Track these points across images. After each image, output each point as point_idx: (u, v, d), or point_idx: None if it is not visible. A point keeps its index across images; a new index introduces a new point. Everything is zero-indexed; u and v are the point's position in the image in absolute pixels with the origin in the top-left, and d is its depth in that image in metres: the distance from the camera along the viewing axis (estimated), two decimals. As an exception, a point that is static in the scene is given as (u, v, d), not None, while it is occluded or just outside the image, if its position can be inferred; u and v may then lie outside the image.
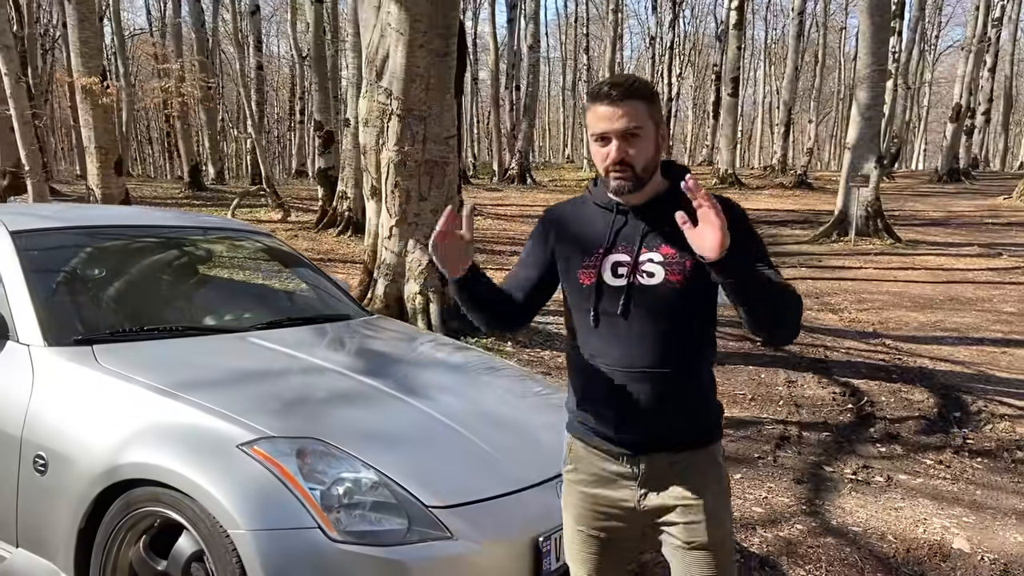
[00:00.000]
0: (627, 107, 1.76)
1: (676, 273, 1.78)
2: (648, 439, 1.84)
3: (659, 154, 1.83)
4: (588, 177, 26.90)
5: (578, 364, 1.92)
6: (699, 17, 47.77)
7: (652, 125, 1.79)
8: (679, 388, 1.82)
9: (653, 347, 1.80)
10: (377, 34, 6.97)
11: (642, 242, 1.81)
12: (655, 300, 1.79)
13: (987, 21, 24.78)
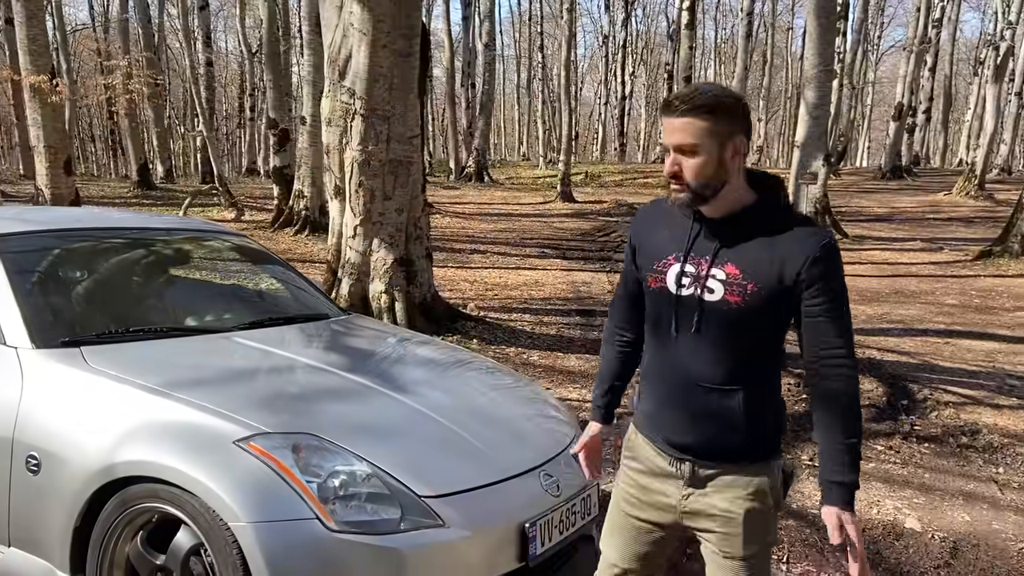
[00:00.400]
0: (685, 122, 1.76)
1: (735, 294, 1.81)
2: (692, 448, 1.91)
3: (724, 170, 1.80)
4: (544, 175, 27.08)
5: (646, 361, 2.03)
6: (651, 16, 48.43)
7: (713, 142, 1.77)
8: (726, 405, 1.85)
9: (704, 362, 1.86)
10: (339, 34, 7.00)
11: (714, 257, 1.83)
12: (709, 316, 1.83)
13: (927, 22, 25.56)
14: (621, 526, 2.07)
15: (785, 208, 1.86)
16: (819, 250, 1.77)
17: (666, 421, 1.95)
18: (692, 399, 1.88)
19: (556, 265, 12.27)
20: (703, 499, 1.93)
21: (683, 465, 1.94)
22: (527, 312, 8.86)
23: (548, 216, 17.94)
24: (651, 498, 2.00)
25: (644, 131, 48.48)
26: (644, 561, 2.05)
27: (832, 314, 1.79)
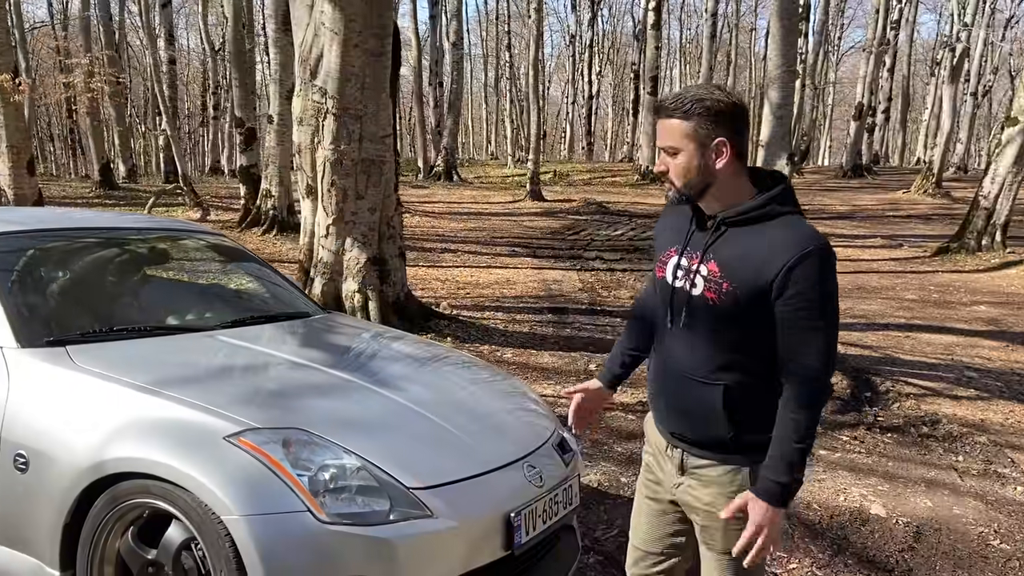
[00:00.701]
0: (668, 124, 1.86)
1: (711, 291, 1.87)
2: (677, 435, 2.00)
3: (708, 171, 1.85)
4: (513, 174, 27.15)
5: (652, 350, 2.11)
6: (617, 16, 48.75)
7: (692, 144, 1.83)
8: (708, 398, 1.90)
9: (689, 353, 1.93)
10: (311, 33, 7.00)
11: (704, 253, 1.89)
12: (694, 310, 1.91)
13: (886, 24, 26.07)
14: (641, 510, 2.18)
15: (780, 209, 1.86)
16: (797, 257, 1.77)
17: (660, 407, 2.05)
18: (680, 388, 1.96)
19: (527, 263, 12.35)
20: (690, 491, 2.00)
21: (675, 451, 2.03)
22: (499, 310, 8.93)
23: (518, 215, 18.02)
24: (655, 482, 2.11)
25: (611, 130, 48.78)
26: (666, 544, 2.13)
27: (805, 324, 1.79)
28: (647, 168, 24.08)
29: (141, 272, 3.61)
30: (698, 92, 1.87)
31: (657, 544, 2.14)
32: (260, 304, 3.71)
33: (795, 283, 1.78)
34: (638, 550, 2.18)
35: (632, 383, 6.28)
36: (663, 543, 2.13)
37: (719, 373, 1.90)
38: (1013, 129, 13.06)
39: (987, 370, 7.03)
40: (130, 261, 3.54)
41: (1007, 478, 4.45)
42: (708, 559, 2.02)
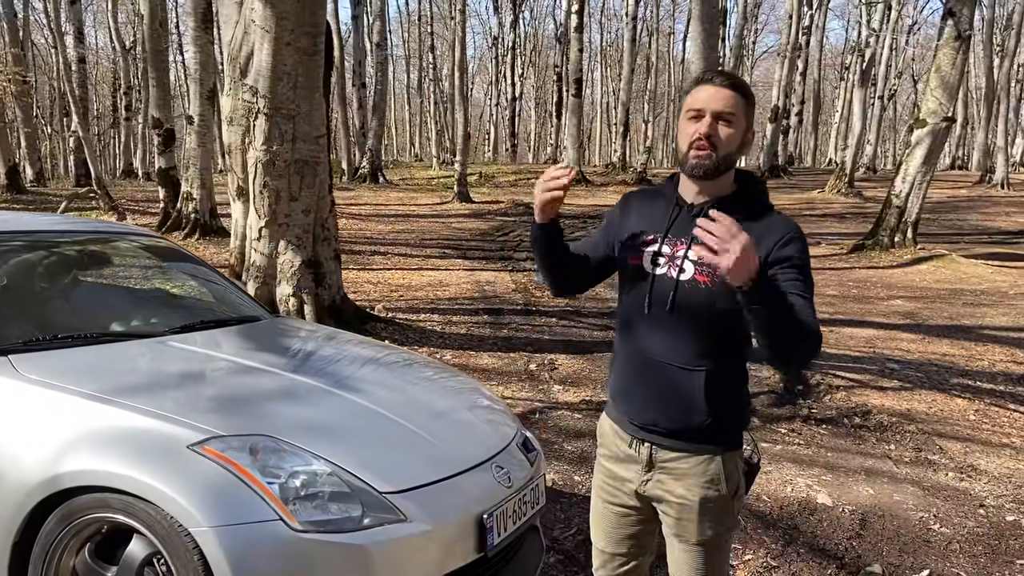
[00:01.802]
0: (730, 94, 1.88)
1: (704, 274, 1.87)
2: (651, 427, 1.97)
3: (741, 150, 1.91)
4: (438, 175, 27.03)
5: (616, 341, 2.08)
6: (538, 18, 49.08)
7: (744, 120, 1.89)
8: (689, 384, 1.90)
9: (671, 340, 1.92)
10: (240, 30, 6.82)
11: (691, 239, 1.87)
12: (680, 296, 1.89)
13: (799, 29, 27.00)
14: (601, 514, 2.14)
15: (764, 204, 1.95)
16: (788, 233, 1.86)
17: (631, 399, 2.01)
18: (657, 376, 1.94)
19: (458, 265, 12.31)
20: (660, 486, 1.99)
21: (642, 447, 2.00)
22: (435, 312, 8.87)
23: (446, 216, 17.95)
24: (618, 484, 2.07)
25: (534, 132, 49.09)
26: (632, 543, 2.12)
27: (799, 289, 1.81)
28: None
29: (79, 277, 3.44)
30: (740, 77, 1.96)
31: (622, 545, 2.13)
32: (207, 308, 3.58)
33: (788, 256, 1.84)
34: (604, 553, 2.18)
35: (574, 382, 6.32)
36: (627, 543, 2.13)
37: (700, 359, 1.91)
38: (921, 131, 13.66)
39: (907, 361, 7.34)
40: (66, 265, 3.37)
41: (938, 464, 4.65)
42: (679, 550, 2.01)
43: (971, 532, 3.72)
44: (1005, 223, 18.92)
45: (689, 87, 1.96)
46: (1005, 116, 25.25)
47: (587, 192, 22.97)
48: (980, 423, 5.67)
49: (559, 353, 7.27)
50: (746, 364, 2.00)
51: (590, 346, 7.59)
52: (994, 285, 11.54)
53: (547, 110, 44.43)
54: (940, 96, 13.56)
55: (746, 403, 2.05)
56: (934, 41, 44.72)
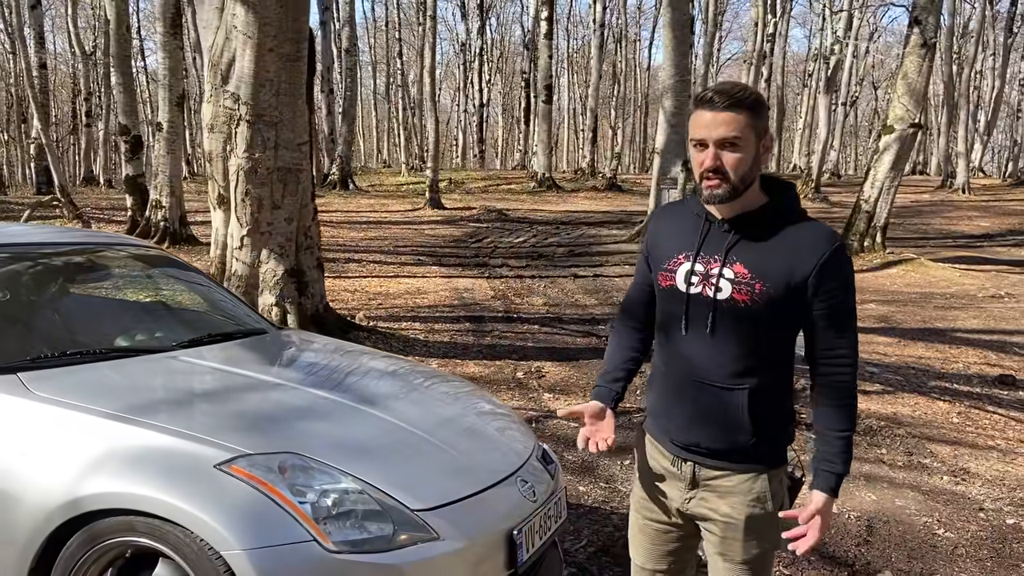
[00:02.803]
0: (728, 116, 1.78)
1: (743, 293, 1.83)
2: (696, 446, 1.93)
3: (758, 167, 1.84)
4: (407, 182, 26.91)
5: (653, 362, 2.04)
6: (505, 25, 49.17)
7: (753, 136, 1.80)
8: (731, 403, 1.87)
9: (711, 359, 1.88)
10: (222, 36, 6.71)
11: (725, 257, 1.85)
12: (718, 315, 1.86)
13: (763, 37, 27.36)
14: (640, 529, 2.11)
15: (796, 211, 1.89)
16: (829, 254, 1.80)
17: (672, 419, 1.97)
18: (698, 396, 1.91)
19: (435, 272, 12.24)
20: (704, 504, 1.96)
21: (685, 465, 1.96)
22: (416, 320, 8.80)
23: (419, 223, 17.86)
24: (658, 500, 2.04)
25: (502, 138, 49.10)
26: (671, 560, 2.09)
27: (839, 316, 1.84)
28: (543, 175, 24.36)
29: (78, 290, 3.33)
30: (740, 85, 1.86)
31: (662, 561, 2.10)
32: (212, 321, 3.49)
33: (831, 278, 1.81)
34: (643, 569, 2.14)
35: (564, 390, 6.30)
36: (667, 560, 2.10)
37: (743, 378, 1.87)
38: (889, 137, 13.90)
39: (886, 365, 7.43)
40: (64, 278, 3.26)
41: (932, 468, 4.70)
42: (723, 569, 1.98)
43: (975, 536, 3.76)
44: (968, 227, 19.33)
45: (692, 106, 1.90)
46: (965, 122, 25.83)
47: (558, 198, 23.03)
48: (964, 426, 5.75)
49: (545, 360, 7.24)
50: (790, 378, 1.96)
51: (575, 353, 7.58)
52: (963, 288, 11.76)
53: (514, 116, 44.47)
54: (907, 103, 13.80)
55: (790, 418, 2.01)
56: (893, 48, 45.47)
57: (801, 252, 1.82)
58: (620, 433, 5.09)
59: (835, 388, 1.88)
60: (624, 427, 5.24)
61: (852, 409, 1.89)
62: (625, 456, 4.64)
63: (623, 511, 3.86)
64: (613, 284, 11.47)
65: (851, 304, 1.87)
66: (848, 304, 1.86)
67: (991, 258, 14.79)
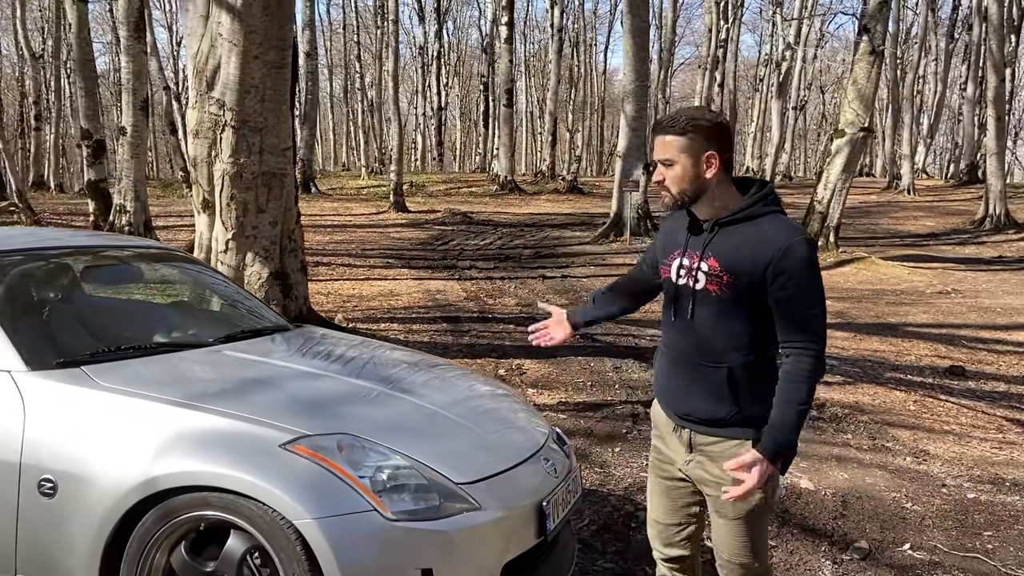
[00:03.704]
0: (665, 140, 2.14)
1: (714, 284, 2.14)
2: (687, 416, 2.26)
3: (700, 180, 2.13)
4: (368, 185, 26.97)
5: (661, 341, 2.36)
6: (461, 29, 49.34)
7: (686, 157, 2.12)
8: (715, 379, 2.17)
9: (693, 341, 2.21)
10: (207, 44, 6.83)
11: (703, 252, 2.17)
12: (698, 302, 2.18)
13: (716, 43, 28.04)
14: (655, 488, 2.44)
15: (768, 209, 2.15)
16: (785, 247, 2.05)
17: (670, 391, 2.32)
18: (688, 373, 2.24)
19: (405, 275, 12.41)
20: (700, 467, 2.27)
21: (683, 432, 2.29)
22: (394, 321, 8.99)
23: (384, 226, 17.99)
24: (668, 461, 2.37)
25: (460, 141, 49.28)
26: (684, 513, 2.39)
27: (798, 304, 2.07)
28: (505, 178, 24.65)
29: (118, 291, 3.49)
30: (691, 112, 2.19)
31: (676, 515, 2.41)
32: (240, 319, 3.66)
33: (786, 269, 2.06)
34: (659, 523, 2.45)
35: (546, 385, 6.56)
36: (680, 514, 2.40)
37: (722, 356, 2.17)
38: (840, 140, 14.45)
39: (844, 358, 7.83)
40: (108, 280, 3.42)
41: (894, 451, 5.06)
42: (720, 525, 2.29)
43: (939, 509, 4.11)
44: (914, 227, 20.10)
45: None
46: (909, 126, 26.77)
47: (521, 201, 23.33)
48: (920, 412, 6.15)
49: (524, 358, 7.48)
50: (772, 357, 2.21)
51: (552, 351, 7.82)
52: (912, 285, 12.32)
53: (472, 119, 44.69)
54: (857, 108, 14.37)
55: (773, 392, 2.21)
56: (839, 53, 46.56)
57: (764, 245, 2.09)
58: (607, 424, 5.38)
59: (791, 370, 2.11)
60: (609, 418, 5.52)
61: (803, 392, 2.08)
62: (616, 443, 4.92)
63: (619, 492, 4.14)
64: (581, 284, 11.77)
65: (807, 294, 2.07)
66: (807, 291, 2.07)
67: (937, 256, 15.46)
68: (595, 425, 5.27)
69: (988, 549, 3.68)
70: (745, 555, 2.27)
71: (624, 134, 16.62)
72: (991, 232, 18.31)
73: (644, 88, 16.77)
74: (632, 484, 4.25)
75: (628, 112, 16.46)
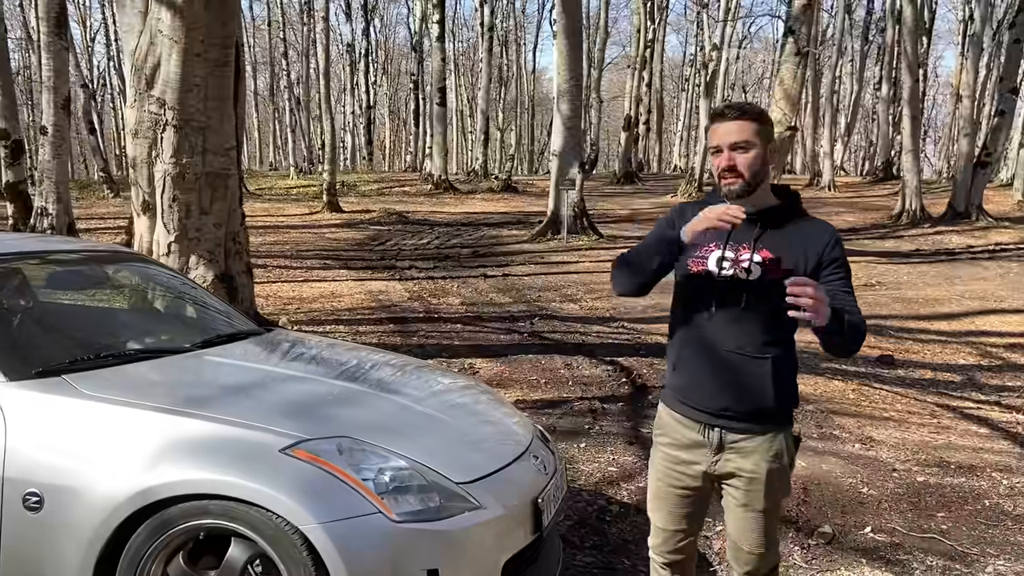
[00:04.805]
0: (740, 124, 2.18)
1: (772, 274, 2.17)
2: (723, 412, 2.25)
3: (766, 166, 2.22)
4: (297, 185, 26.50)
5: (677, 340, 2.34)
6: (389, 26, 48.89)
7: (759, 140, 2.19)
8: (758, 372, 2.20)
9: (741, 333, 2.21)
10: (146, 40, 6.62)
11: (754, 244, 2.20)
12: (748, 294, 2.19)
13: (644, 43, 28.51)
14: (663, 497, 2.43)
15: (802, 210, 2.30)
16: (833, 240, 2.23)
17: (704, 387, 2.28)
18: (729, 366, 2.24)
19: (344, 276, 12.27)
20: (729, 464, 2.29)
21: (712, 432, 2.29)
22: (339, 323, 8.88)
23: (318, 227, 17.73)
24: (684, 468, 2.36)
25: (389, 140, 48.81)
26: (689, 520, 2.43)
27: (845, 284, 2.22)
28: (440, 177, 24.57)
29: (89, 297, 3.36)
30: (755, 105, 2.29)
31: (683, 522, 2.43)
32: (211, 322, 3.57)
33: (835, 256, 2.22)
34: (664, 531, 2.46)
35: (500, 384, 6.58)
36: (686, 520, 2.43)
37: (768, 347, 2.22)
38: (769, 140, 14.89)
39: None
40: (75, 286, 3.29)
41: (842, 438, 5.26)
42: (746, 519, 2.32)
43: (894, 492, 4.29)
44: (836, 222, 20.44)
45: (708, 122, 2.32)
46: (828, 124, 27.74)
47: (456, 200, 23.28)
48: (860, 401, 6.40)
49: (475, 358, 7.49)
50: (795, 350, 2.32)
51: (502, 350, 7.87)
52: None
53: (402, 118, 44.35)
54: (784, 107, 14.81)
55: (796, 382, 2.37)
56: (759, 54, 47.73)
57: (812, 239, 2.23)
58: (568, 420, 5.44)
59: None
60: (569, 415, 5.59)
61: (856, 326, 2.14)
62: (580, 439, 4.98)
63: (590, 487, 4.20)
64: (523, 283, 11.83)
65: (849, 279, 2.26)
66: (847, 278, 2.25)
67: (859, 250, 16.05)
68: (557, 422, 5.32)
69: (943, 530, 3.87)
70: (766, 544, 2.34)
71: (560, 133, 16.75)
72: (908, 226, 19.10)
73: (579, 88, 16.94)
74: (602, 479, 4.31)
75: (563, 111, 16.59)
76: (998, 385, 7.09)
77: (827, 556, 3.59)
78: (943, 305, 10.63)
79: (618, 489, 4.19)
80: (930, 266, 14.23)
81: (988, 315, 10.22)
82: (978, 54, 21.30)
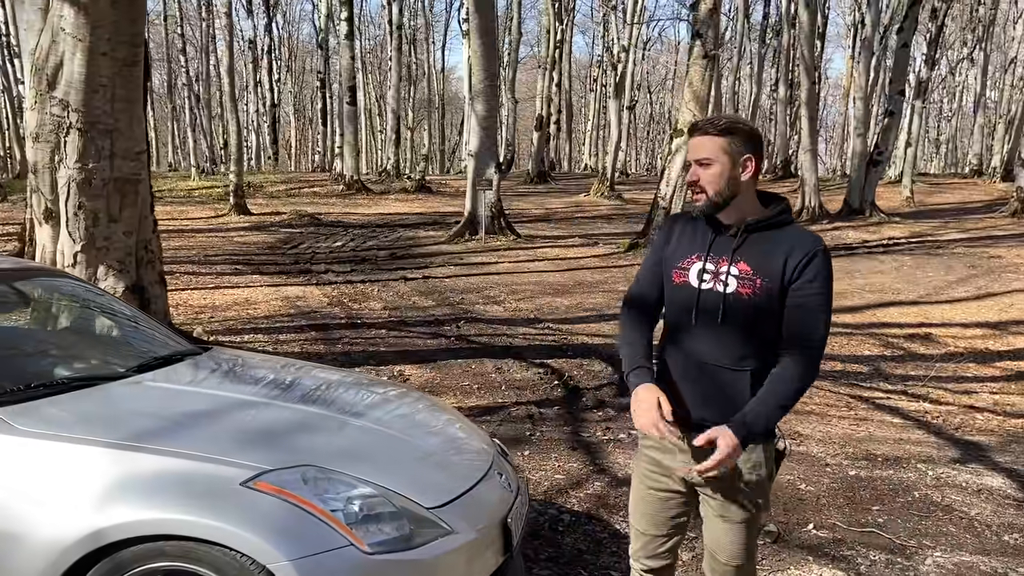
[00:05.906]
0: (704, 139, 2.17)
1: (747, 287, 2.16)
2: (701, 422, 2.20)
3: (735, 183, 2.18)
4: (199, 186, 25.56)
5: (663, 349, 2.31)
6: (292, 22, 47.71)
7: (726, 158, 2.16)
8: (736, 383, 2.19)
9: (719, 345, 2.19)
10: (47, 39, 6.22)
11: (731, 256, 2.18)
12: (725, 306, 2.17)
13: (554, 43, 28.74)
14: (644, 499, 2.39)
15: (788, 220, 2.26)
16: (813, 252, 2.16)
17: (684, 397, 2.26)
18: (707, 377, 2.22)
19: (258, 281, 11.89)
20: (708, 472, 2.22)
21: (688, 436, 2.24)
22: (258, 332, 8.58)
23: (226, 231, 17.12)
24: (664, 471, 2.34)
25: (295, 139, 47.66)
26: (671, 525, 2.39)
27: (815, 305, 2.15)
28: (352, 177, 24.12)
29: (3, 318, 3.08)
30: (730, 117, 2.24)
31: (663, 527, 2.40)
32: (143, 342, 3.33)
33: (812, 271, 2.16)
34: (645, 535, 2.42)
35: (433, 391, 6.47)
36: (667, 525, 2.40)
37: (745, 360, 2.20)
38: (680, 139, 15.19)
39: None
40: None
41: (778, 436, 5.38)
42: (723, 530, 2.30)
43: (829, 488, 4.41)
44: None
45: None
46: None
47: (369, 201, 22.91)
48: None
49: (403, 364, 7.36)
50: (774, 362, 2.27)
51: (430, 355, 7.75)
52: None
53: (308, 116, 43.36)
54: (694, 108, 15.14)
55: None
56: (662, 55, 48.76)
57: (792, 251, 2.18)
58: (508, 427, 5.39)
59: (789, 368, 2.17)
60: (507, 421, 5.53)
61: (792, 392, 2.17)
62: (523, 446, 4.93)
63: (540, 497, 4.14)
64: (444, 285, 11.72)
65: (824, 299, 2.18)
66: (825, 297, 2.17)
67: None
68: (496, 429, 5.25)
69: (880, 523, 3.98)
70: (742, 556, 2.32)
71: (476, 133, 16.69)
72: (808, 222, 19.83)
73: (494, 87, 16.92)
74: (550, 487, 4.27)
75: (479, 111, 16.54)
76: (903, 375, 7.40)
77: (775, 555, 3.64)
78: (846, 299, 11.02)
79: (568, 497, 4.16)
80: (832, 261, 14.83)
81: (888, 307, 10.70)
82: (869, 57, 22.31)
